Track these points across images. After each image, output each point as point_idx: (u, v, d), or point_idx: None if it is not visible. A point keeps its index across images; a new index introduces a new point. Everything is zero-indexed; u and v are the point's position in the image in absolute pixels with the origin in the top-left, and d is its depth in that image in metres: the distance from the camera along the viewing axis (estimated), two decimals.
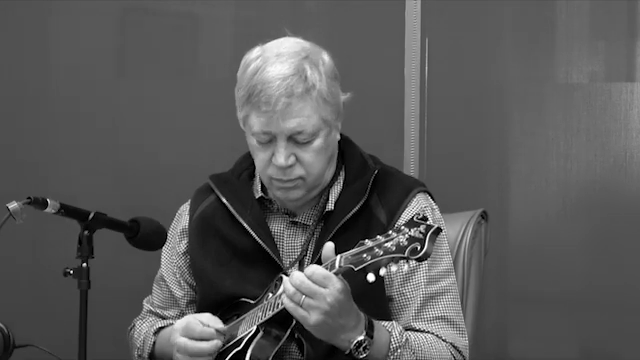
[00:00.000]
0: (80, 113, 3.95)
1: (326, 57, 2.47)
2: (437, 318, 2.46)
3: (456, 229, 2.78)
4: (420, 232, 2.12)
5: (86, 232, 2.29)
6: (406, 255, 2.11)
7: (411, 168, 3.55)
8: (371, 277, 2.15)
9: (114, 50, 4.05)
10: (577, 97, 3.58)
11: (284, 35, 2.51)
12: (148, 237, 2.42)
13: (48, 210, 2.27)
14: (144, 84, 3.97)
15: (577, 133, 3.56)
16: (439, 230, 2.12)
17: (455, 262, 2.71)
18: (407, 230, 2.13)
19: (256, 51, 2.46)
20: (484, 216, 2.85)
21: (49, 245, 3.88)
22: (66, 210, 2.29)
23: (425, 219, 2.15)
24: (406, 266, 2.13)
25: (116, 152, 3.95)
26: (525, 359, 3.67)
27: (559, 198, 3.58)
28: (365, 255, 2.16)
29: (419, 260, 2.11)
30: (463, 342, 2.48)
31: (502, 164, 3.70)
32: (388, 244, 2.14)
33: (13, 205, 2.21)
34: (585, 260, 3.57)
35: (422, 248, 2.09)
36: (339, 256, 2.22)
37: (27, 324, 2.82)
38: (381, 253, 2.14)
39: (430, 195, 2.58)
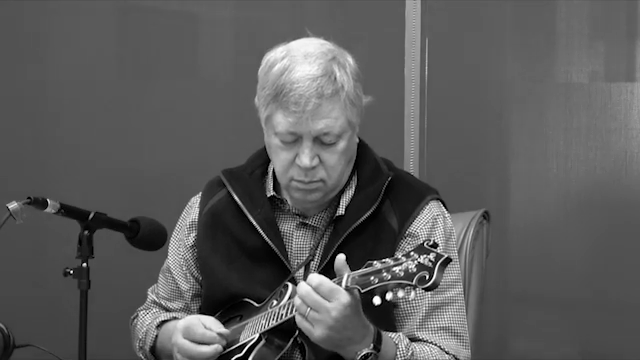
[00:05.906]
0: (80, 113, 3.96)
1: (350, 59, 2.46)
2: (441, 329, 2.44)
3: (458, 229, 2.76)
4: (430, 260, 2.09)
5: (86, 232, 2.30)
6: (414, 283, 2.08)
7: (411, 168, 3.54)
8: (377, 300, 2.12)
9: (114, 50, 4.05)
10: (577, 97, 3.57)
11: (287, 35, 2.50)
12: (148, 237, 2.43)
13: (48, 210, 2.27)
14: (144, 84, 3.97)
15: (577, 133, 3.56)
16: (448, 260, 2.09)
17: None
18: (416, 256, 2.10)
19: (280, 50, 2.43)
20: (486, 216, 2.84)
21: (49, 245, 3.88)
22: (66, 210, 2.29)
23: (435, 246, 2.12)
24: (413, 293, 2.10)
25: (116, 152, 3.94)
26: (525, 359, 3.67)
27: (559, 198, 3.58)
28: (372, 278, 2.14)
29: (427, 290, 2.08)
30: (466, 354, 2.46)
31: (502, 164, 3.70)
32: (396, 269, 2.11)
33: (13, 205, 2.22)
34: (585, 260, 3.57)
35: (430, 278, 2.07)
36: (346, 275, 2.20)
37: (27, 324, 2.82)
38: (389, 277, 2.11)
39: (443, 203, 2.56)
